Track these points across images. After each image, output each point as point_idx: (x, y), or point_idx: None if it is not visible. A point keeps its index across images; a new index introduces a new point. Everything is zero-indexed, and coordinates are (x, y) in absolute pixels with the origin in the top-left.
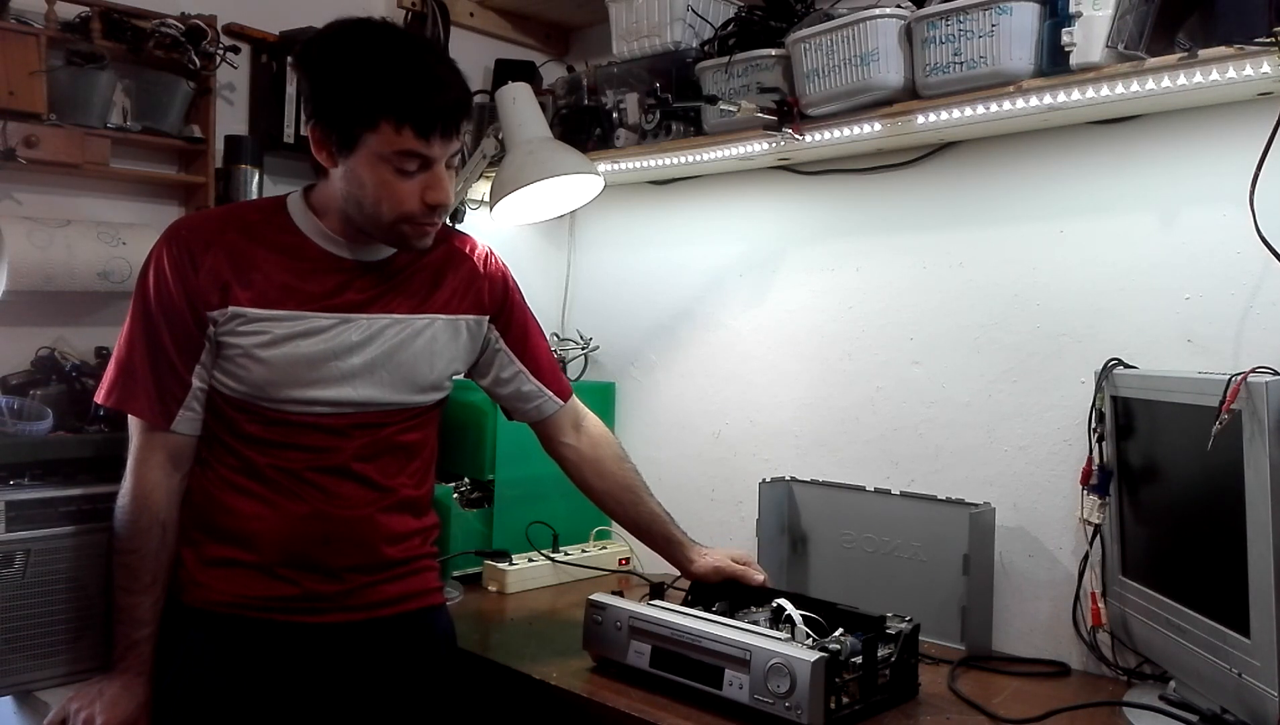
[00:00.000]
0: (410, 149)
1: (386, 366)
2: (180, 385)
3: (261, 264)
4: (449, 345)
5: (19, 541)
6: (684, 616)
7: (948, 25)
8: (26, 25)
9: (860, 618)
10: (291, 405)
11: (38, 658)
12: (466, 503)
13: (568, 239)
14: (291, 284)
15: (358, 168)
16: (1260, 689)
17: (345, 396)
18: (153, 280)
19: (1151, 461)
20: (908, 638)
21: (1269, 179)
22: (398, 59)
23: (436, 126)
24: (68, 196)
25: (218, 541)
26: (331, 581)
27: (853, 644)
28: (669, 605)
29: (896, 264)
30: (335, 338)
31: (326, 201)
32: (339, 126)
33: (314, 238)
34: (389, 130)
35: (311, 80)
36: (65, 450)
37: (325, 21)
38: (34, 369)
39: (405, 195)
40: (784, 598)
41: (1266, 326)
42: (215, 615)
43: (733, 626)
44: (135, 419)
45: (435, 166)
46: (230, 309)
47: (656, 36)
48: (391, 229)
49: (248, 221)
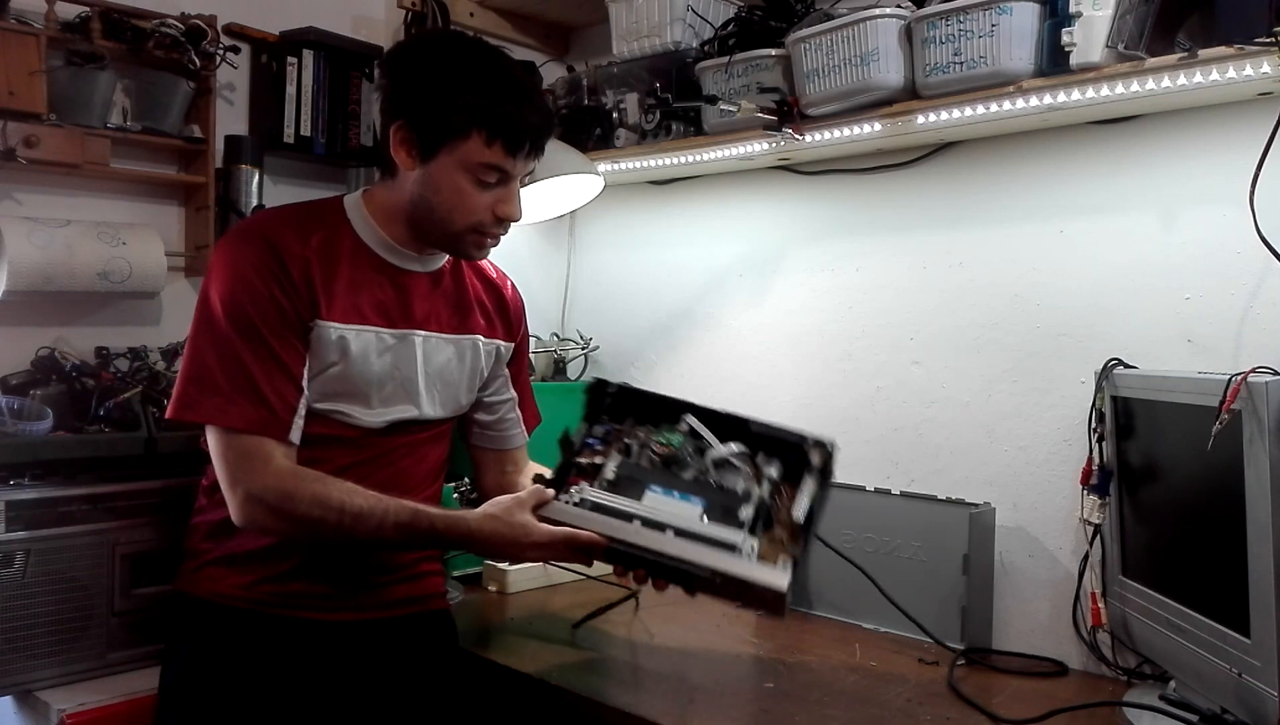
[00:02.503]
0: (495, 163)
1: (438, 384)
2: (295, 390)
3: (335, 273)
4: (485, 366)
5: (19, 541)
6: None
7: (948, 25)
8: (26, 25)
9: (778, 442)
10: (345, 417)
11: (38, 658)
12: (466, 503)
13: (568, 239)
14: (358, 295)
15: (437, 173)
16: (1260, 689)
17: (401, 413)
18: (239, 283)
19: (1151, 461)
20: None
21: (1269, 179)
22: (496, 74)
23: (525, 145)
24: (68, 196)
25: (236, 538)
26: (347, 580)
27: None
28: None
29: (896, 264)
30: (397, 354)
31: (390, 207)
32: (427, 130)
33: (374, 246)
34: (479, 141)
35: (403, 82)
36: (65, 450)
37: (325, 21)
38: (34, 369)
39: (478, 206)
40: (693, 414)
41: (1266, 326)
42: (226, 608)
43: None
44: (232, 436)
45: (512, 182)
46: (316, 321)
47: (656, 36)
48: (458, 237)
49: (319, 227)
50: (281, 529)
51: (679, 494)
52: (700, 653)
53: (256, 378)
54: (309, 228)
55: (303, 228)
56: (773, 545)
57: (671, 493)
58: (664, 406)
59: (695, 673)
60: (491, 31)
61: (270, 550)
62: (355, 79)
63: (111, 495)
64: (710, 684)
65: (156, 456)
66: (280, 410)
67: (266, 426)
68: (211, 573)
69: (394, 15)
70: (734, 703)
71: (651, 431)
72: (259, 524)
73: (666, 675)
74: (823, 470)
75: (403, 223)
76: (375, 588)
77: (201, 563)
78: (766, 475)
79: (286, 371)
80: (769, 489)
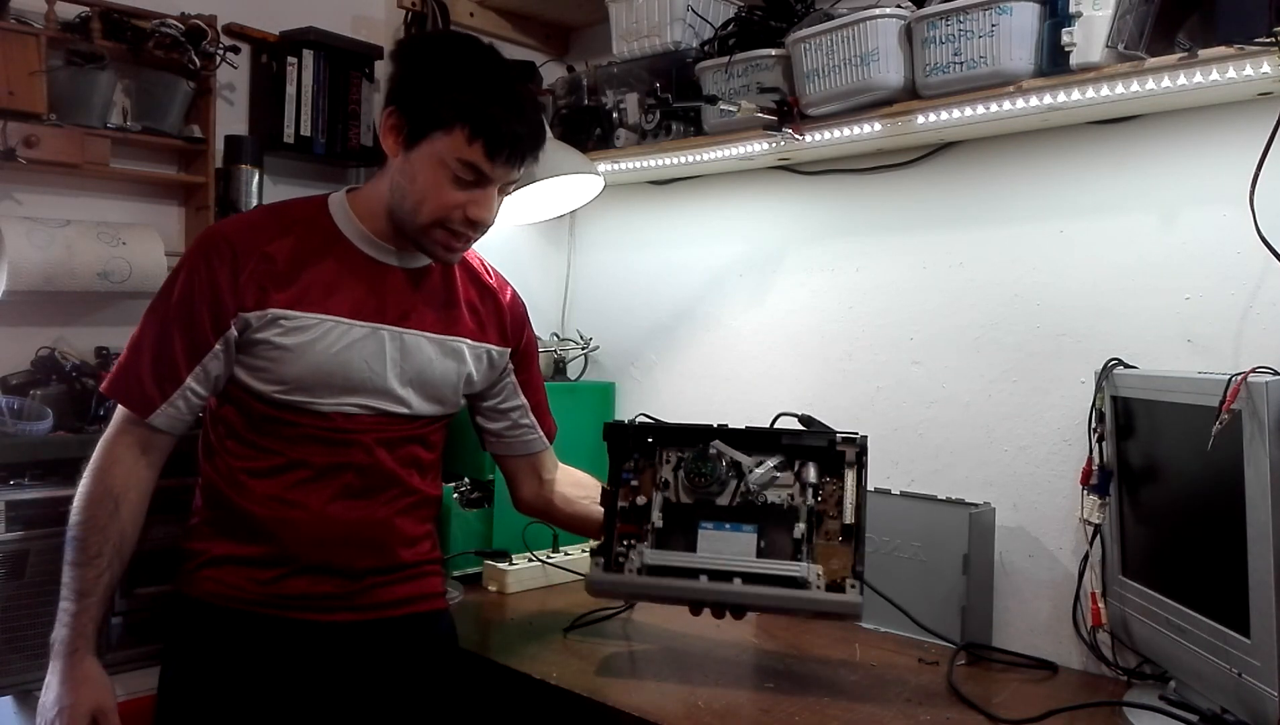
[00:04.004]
0: (473, 161)
1: (415, 382)
2: (173, 382)
3: (302, 266)
4: (474, 369)
5: (19, 541)
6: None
7: (948, 25)
8: (26, 25)
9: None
10: (320, 407)
11: (38, 658)
12: (466, 503)
13: (568, 239)
14: (331, 288)
15: (417, 161)
16: (1260, 689)
17: (376, 404)
18: (182, 280)
19: (1151, 461)
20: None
21: (1269, 179)
22: (491, 78)
23: (504, 151)
24: (68, 196)
25: (233, 538)
26: (345, 581)
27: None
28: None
29: (896, 264)
30: (370, 347)
31: (372, 202)
32: (414, 117)
33: (355, 241)
34: (460, 137)
35: (402, 69)
36: (65, 450)
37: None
38: (34, 369)
39: (449, 202)
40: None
41: (1266, 326)
42: (224, 609)
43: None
44: (120, 408)
45: (489, 186)
46: (270, 311)
47: (656, 36)
48: (425, 232)
49: (290, 222)
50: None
51: (730, 526)
52: (700, 653)
53: (159, 353)
54: (275, 225)
55: (268, 225)
56: (833, 559)
57: (723, 526)
58: (686, 434)
59: (695, 673)
60: (491, 31)
61: (269, 552)
62: (355, 79)
63: None
64: (711, 684)
65: None
66: (166, 389)
67: (136, 401)
68: (209, 573)
69: (394, 15)
70: (734, 703)
71: (681, 458)
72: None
73: (667, 675)
74: (858, 464)
75: (382, 215)
76: (374, 588)
77: (199, 563)
78: (807, 481)
79: (188, 357)
80: (813, 495)
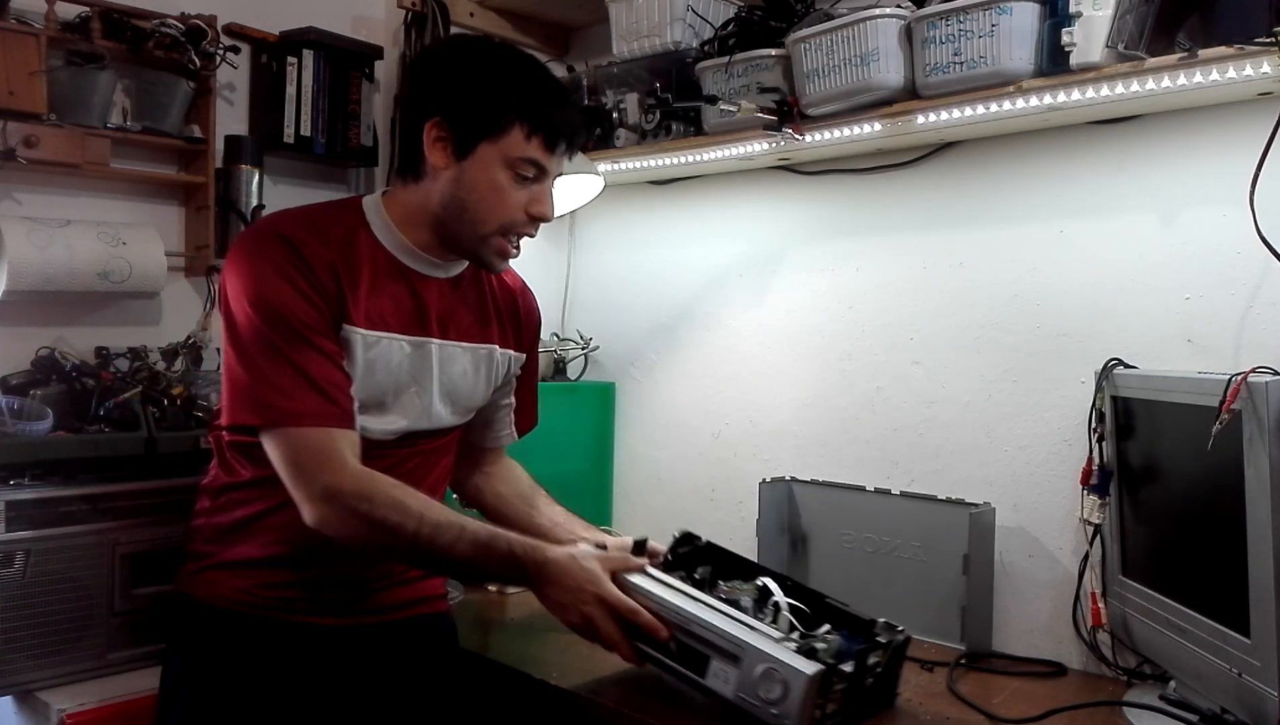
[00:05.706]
0: (534, 157)
1: (452, 394)
2: (347, 379)
3: (357, 278)
4: (497, 375)
5: (19, 541)
6: (672, 592)
7: (948, 25)
8: (26, 25)
9: (848, 617)
10: (368, 433)
11: (38, 658)
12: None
13: (568, 239)
14: (378, 300)
15: (473, 169)
16: (1260, 689)
17: (415, 423)
18: (264, 285)
19: (1151, 461)
20: (897, 648)
21: (1269, 179)
22: (535, 73)
23: (562, 140)
24: (68, 196)
25: (244, 543)
26: (350, 585)
27: (841, 645)
28: (658, 575)
29: (896, 264)
30: (414, 362)
31: (412, 210)
32: (465, 126)
33: (393, 250)
34: (519, 136)
35: (439, 80)
36: (65, 450)
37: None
38: (34, 369)
39: (513, 204)
40: (770, 577)
41: (1266, 326)
42: (226, 611)
43: (723, 614)
44: (300, 433)
45: (546, 181)
46: (344, 326)
47: (656, 36)
48: (485, 241)
49: (336, 228)
50: (356, 531)
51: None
52: None
53: (311, 372)
54: (326, 229)
55: (319, 228)
56: None
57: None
58: (742, 565)
59: None
60: (492, 31)
61: (273, 557)
62: (355, 79)
63: (111, 495)
64: None
65: (156, 457)
66: (341, 400)
67: (333, 418)
68: (213, 576)
69: (394, 15)
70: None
71: (722, 580)
72: (333, 525)
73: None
74: (888, 647)
75: (426, 226)
76: (376, 592)
77: (203, 566)
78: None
79: (334, 362)
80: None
